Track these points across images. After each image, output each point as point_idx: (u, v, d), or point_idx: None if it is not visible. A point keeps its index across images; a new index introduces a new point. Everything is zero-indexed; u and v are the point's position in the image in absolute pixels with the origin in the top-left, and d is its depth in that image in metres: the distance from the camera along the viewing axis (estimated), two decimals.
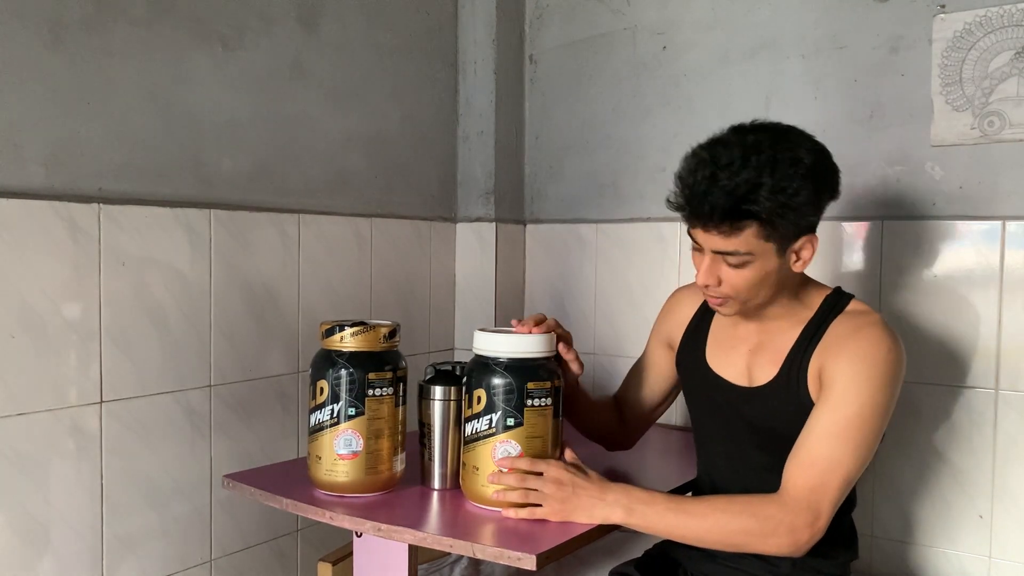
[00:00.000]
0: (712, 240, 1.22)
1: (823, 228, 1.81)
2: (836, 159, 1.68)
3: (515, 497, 1.22)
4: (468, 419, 1.28)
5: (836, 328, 1.28)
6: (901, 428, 1.73)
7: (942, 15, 1.68)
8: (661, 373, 1.53)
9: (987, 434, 1.65)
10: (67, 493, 1.43)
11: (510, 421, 1.24)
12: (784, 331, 1.33)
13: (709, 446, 1.44)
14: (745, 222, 1.18)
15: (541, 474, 1.22)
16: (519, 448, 1.25)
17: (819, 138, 1.90)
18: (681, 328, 1.49)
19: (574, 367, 1.35)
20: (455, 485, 1.36)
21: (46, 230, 1.38)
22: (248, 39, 1.70)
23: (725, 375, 1.38)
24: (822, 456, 1.18)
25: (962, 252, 1.67)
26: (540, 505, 1.21)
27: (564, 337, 1.35)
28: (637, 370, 1.56)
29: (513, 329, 1.30)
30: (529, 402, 1.24)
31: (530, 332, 1.28)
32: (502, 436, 1.24)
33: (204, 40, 1.62)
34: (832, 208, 1.80)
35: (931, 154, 1.71)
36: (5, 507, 1.36)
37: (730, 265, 1.23)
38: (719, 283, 1.25)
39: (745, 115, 1.33)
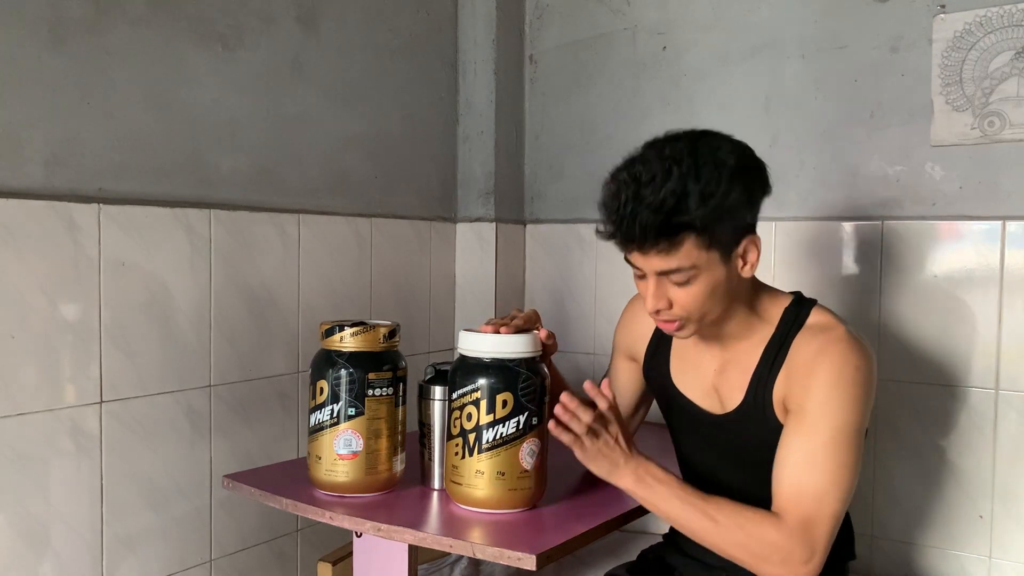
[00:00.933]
0: (652, 262, 1.16)
1: (824, 228, 1.83)
2: (836, 159, 1.67)
3: (555, 431, 1.20)
4: (485, 426, 1.24)
5: (799, 347, 1.22)
6: (901, 428, 1.73)
7: (942, 15, 1.68)
8: (630, 385, 1.51)
9: (987, 434, 1.65)
10: (67, 493, 1.43)
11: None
12: (747, 352, 1.28)
13: (686, 461, 1.42)
14: (681, 235, 1.13)
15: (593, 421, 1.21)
16: (537, 446, 1.25)
17: (819, 138, 1.90)
18: (643, 341, 1.45)
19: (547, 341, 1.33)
20: None
21: (46, 230, 1.38)
22: (248, 39, 1.70)
23: (694, 398, 1.35)
24: (807, 489, 1.15)
25: (962, 252, 1.67)
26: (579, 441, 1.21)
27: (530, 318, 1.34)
28: (608, 381, 1.53)
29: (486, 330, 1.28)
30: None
31: (497, 331, 1.27)
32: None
33: (204, 40, 1.62)
34: (832, 208, 1.82)
35: (931, 154, 1.71)
36: (5, 507, 1.36)
37: (677, 284, 1.18)
38: (670, 306, 1.19)
39: (745, 115, 1.33)
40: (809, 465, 1.15)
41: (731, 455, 1.31)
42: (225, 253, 1.65)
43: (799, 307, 1.27)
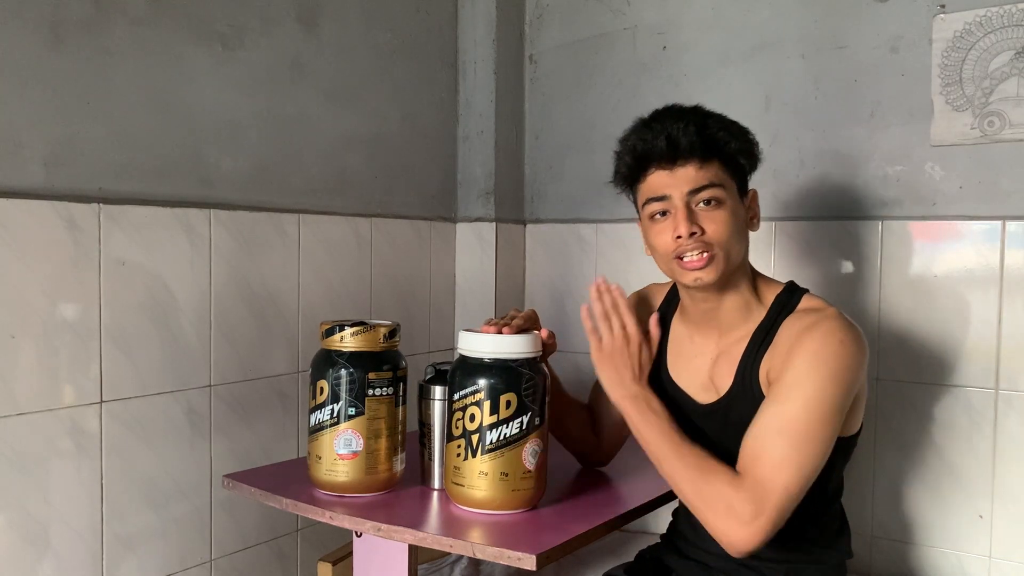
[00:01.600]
0: (686, 175, 1.21)
1: (824, 228, 1.83)
2: (836, 159, 1.69)
3: (585, 313, 1.29)
4: (489, 427, 1.22)
5: (786, 328, 1.23)
6: (901, 428, 1.73)
7: (942, 15, 1.68)
8: None
9: (987, 434, 1.65)
10: (67, 493, 1.43)
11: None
12: (739, 340, 1.29)
13: None
14: (713, 151, 1.22)
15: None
16: (537, 447, 1.25)
17: (819, 138, 1.91)
18: None
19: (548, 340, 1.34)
20: None
21: (46, 230, 1.38)
22: (248, 39, 1.70)
23: (688, 389, 1.34)
24: (769, 454, 1.14)
25: (962, 252, 1.67)
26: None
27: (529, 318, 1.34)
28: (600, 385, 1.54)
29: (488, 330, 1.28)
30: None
31: (500, 332, 1.26)
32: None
33: (204, 40, 1.62)
34: (832, 208, 1.82)
35: (931, 154, 1.71)
36: (5, 507, 1.36)
37: (706, 206, 1.21)
38: (702, 231, 1.21)
39: (745, 115, 1.33)
40: (775, 431, 1.14)
41: (723, 442, 1.29)
42: (225, 253, 1.65)
43: (791, 294, 1.29)
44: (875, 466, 1.76)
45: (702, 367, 1.34)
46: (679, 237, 1.21)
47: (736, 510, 1.12)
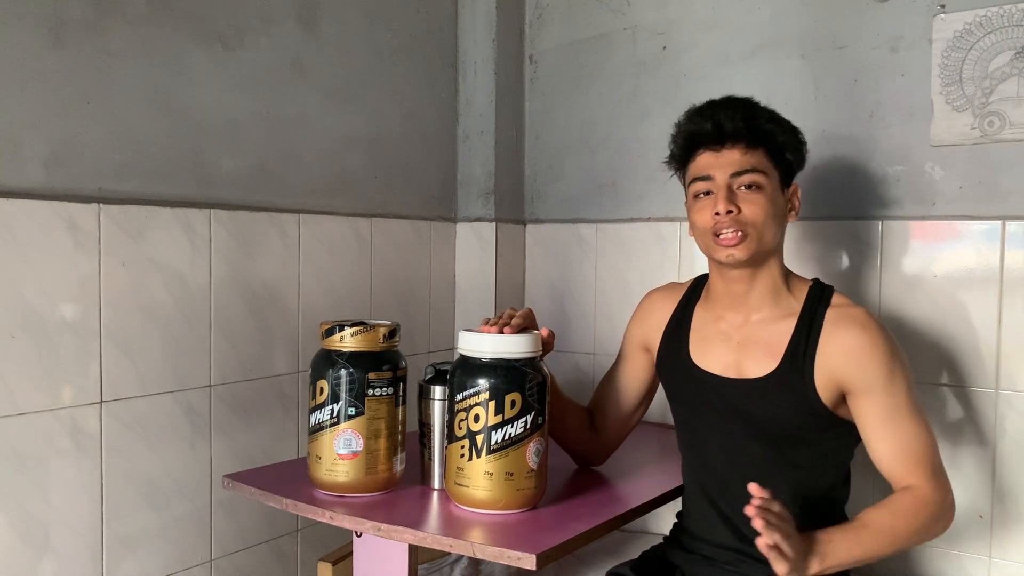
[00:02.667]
0: (731, 157, 1.30)
1: (823, 228, 1.82)
2: (836, 159, 1.70)
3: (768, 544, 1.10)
4: (494, 427, 1.22)
5: (834, 326, 1.31)
6: None
7: (942, 15, 1.68)
8: (638, 377, 1.52)
9: (987, 434, 1.65)
10: (67, 493, 1.43)
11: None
12: (774, 322, 1.35)
13: (700, 446, 1.40)
14: (761, 139, 1.31)
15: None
16: (537, 446, 1.24)
17: (819, 138, 1.91)
18: (658, 331, 1.48)
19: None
20: None
21: (46, 230, 1.38)
22: (248, 39, 1.70)
23: (713, 370, 1.38)
24: (916, 446, 1.26)
25: (962, 252, 1.67)
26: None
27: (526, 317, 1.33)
28: (612, 376, 1.54)
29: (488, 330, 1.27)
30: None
31: (501, 332, 1.26)
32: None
33: (204, 40, 1.62)
34: (832, 208, 1.82)
35: (931, 154, 1.71)
36: (5, 507, 1.36)
37: (747, 190, 1.30)
38: (739, 211, 1.29)
39: None
40: (904, 428, 1.26)
41: (755, 424, 1.33)
42: (225, 253, 1.65)
43: (821, 288, 1.37)
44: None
45: (728, 348, 1.38)
46: (717, 214, 1.30)
47: (946, 504, 1.25)
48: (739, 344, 1.36)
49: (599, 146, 2.15)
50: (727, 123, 1.31)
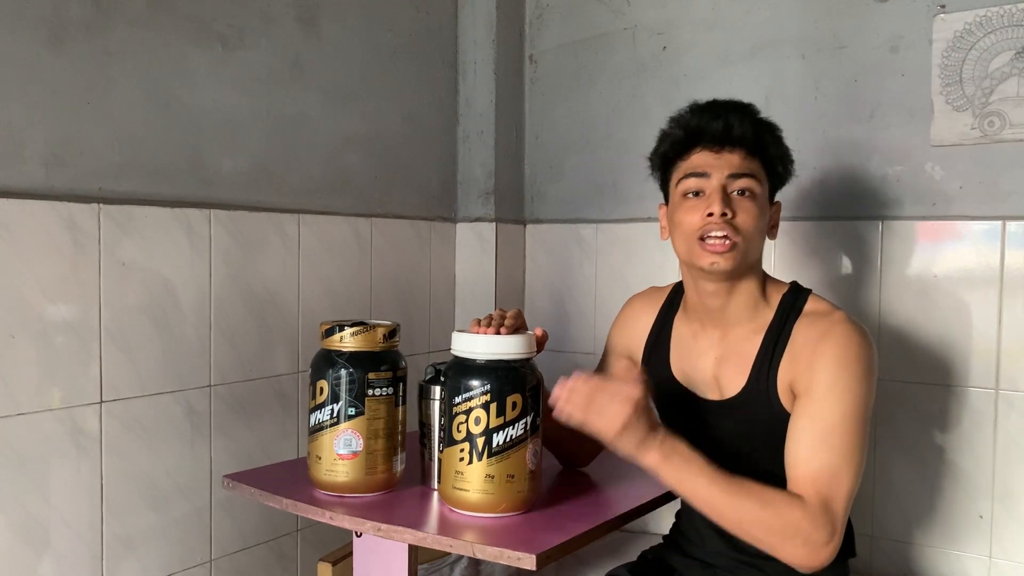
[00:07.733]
0: (731, 159, 1.26)
1: (824, 228, 1.83)
2: (836, 159, 1.70)
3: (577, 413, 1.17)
4: (495, 430, 1.21)
5: (801, 333, 1.25)
6: (901, 428, 1.73)
7: (942, 15, 1.68)
8: None
9: (987, 434, 1.65)
10: (67, 493, 1.43)
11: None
12: (747, 339, 1.30)
13: None
14: (757, 150, 1.28)
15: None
16: (534, 447, 1.23)
17: (819, 138, 1.91)
18: (641, 339, 1.46)
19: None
20: None
21: (46, 230, 1.38)
22: (248, 39, 1.70)
23: (693, 388, 1.35)
24: (823, 469, 1.15)
25: (962, 252, 1.67)
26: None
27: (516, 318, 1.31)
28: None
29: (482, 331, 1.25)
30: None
31: (497, 333, 1.24)
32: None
33: (204, 40, 1.62)
34: (832, 208, 1.82)
35: (931, 154, 1.71)
36: (5, 507, 1.36)
37: (740, 195, 1.25)
38: (734, 215, 1.24)
39: None
40: (823, 445, 1.16)
41: (730, 443, 1.30)
42: (225, 253, 1.65)
43: (796, 295, 1.32)
44: (875, 466, 1.76)
45: (706, 365, 1.34)
46: (710, 215, 1.24)
47: (813, 537, 1.12)
48: (717, 360, 1.33)
49: (599, 146, 2.15)
50: (736, 126, 1.27)
